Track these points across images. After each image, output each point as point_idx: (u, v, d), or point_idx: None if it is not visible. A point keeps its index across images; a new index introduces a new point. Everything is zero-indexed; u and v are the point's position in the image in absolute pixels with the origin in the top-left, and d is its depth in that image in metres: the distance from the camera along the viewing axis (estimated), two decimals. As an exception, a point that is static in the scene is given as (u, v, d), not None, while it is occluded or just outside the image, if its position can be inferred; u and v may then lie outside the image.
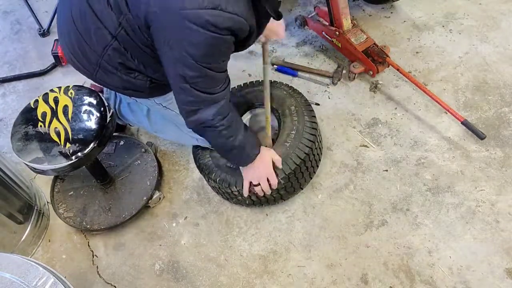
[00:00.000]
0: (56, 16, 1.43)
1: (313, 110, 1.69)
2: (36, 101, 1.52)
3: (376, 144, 1.86)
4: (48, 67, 2.32)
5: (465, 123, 1.78)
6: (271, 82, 1.76)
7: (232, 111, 1.32)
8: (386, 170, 1.78)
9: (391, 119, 1.93)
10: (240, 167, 1.52)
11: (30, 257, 1.42)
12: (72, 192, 1.79)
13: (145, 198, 1.72)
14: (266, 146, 1.56)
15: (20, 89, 2.28)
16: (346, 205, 1.71)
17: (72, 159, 1.39)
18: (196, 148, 1.72)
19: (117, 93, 1.76)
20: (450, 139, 1.83)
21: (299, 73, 2.13)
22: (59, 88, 1.55)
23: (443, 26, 2.24)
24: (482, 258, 1.54)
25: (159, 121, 1.73)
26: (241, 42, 1.18)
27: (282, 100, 1.71)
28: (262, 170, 1.48)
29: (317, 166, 1.74)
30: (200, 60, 1.11)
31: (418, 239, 1.60)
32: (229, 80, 1.28)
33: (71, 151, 1.40)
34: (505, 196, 1.66)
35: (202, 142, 1.61)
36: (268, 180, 1.50)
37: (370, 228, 1.64)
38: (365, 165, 1.80)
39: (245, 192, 1.53)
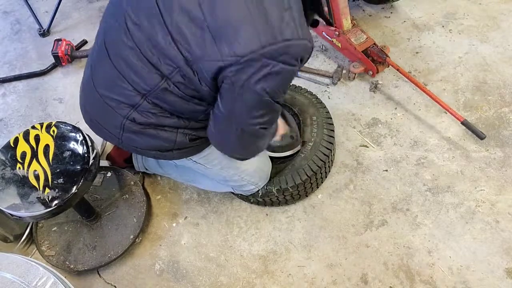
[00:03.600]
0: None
1: (332, 124, 1.71)
2: (16, 139, 1.44)
3: (376, 144, 1.86)
4: (48, 67, 2.32)
5: (465, 123, 1.78)
6: (295, 87, 1.83)
7: None
8: (386, 170, 1.78)
9: (391, 119, 1.93)
10: None
11: (30, 257, 1.42)
12: (55, 228, 1.70)
13: (132, 237, 1.64)
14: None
15: (20, 89, 2.28)
16: (346, 205, 1.71)
17: (51, 206, 1.31)
18: None
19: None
20: (450, 139, 1.83)
21: (299, 73, 2.13)
22: (41, 124, 1.47)
23: (443, 26, 2.24)
24: (482, 258, 1.54)
25: (190, 173, 1.67)
26: None
27: (306, 108, 1.73)
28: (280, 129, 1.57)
29: (326, 177, 1.75)
30: (276, 95, 1.11)
31: (418, 239, 1.60)
32: None
33: (50, 197, 1.32)
34: (505, 196, 1.66)
35: (240, 191, 1.61)
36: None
37: (370, 228, 1.64)
38: (365, 165, 1.80)
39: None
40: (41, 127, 1.47)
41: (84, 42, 2.43)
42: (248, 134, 1.20)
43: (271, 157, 1.63)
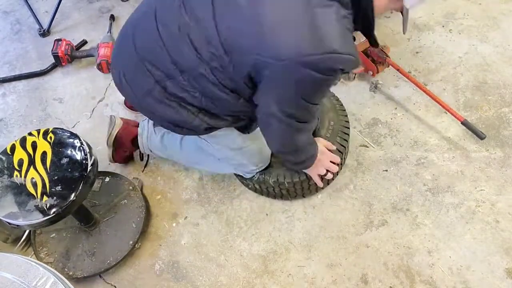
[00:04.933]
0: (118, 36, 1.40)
1: (348, 134, 1.68)
2: (13, 146, 1.42)
3: (376, 144, 1.86)
4: (48, 67, 2.32)
5: (465, 123, 1.78)
6: None
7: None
8: (386, 170, 1.78)
9: (391, 119, 1.93)
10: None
11: (30, 257, 1.42)
12: (54, 234, 1.68)
13: (131, 242, 1.63)
14: None
15: (20, 89, 2.28)
16: (346, 205, 1.71)
17: (49, 214, 1.30)
18: None
19: (150, 126, 1.73)
20: (450, 139, 1.83)
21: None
22: (38, 131, 1.46)
23: (443, 26, 2.24)
24: (482, 258, 1.54)
25: (194, 153, 1.67)
26: None
27: (327, 110, 1.71)
28: (325, 159, 1.55)
29: (333, 179, 1.74)
30: (312, 100, 1.15)
31: (418, 239, 1.60)
32: None
33: (48, 205, 1.31)
34: (505, 196, 1.66)
35: (241, 171, 1.61)
36: (332, 161, 1.58)
37: (370, 228, 1.64)
38: (365, 165, 1.80)
39: (320, 184, 1.60)
40: (38, 133, 1.46)
41: (84, 42, 2.43)
42: (286, 124, 1.23)
43: None
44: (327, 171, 1.57)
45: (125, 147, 1.81)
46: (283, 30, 1.01)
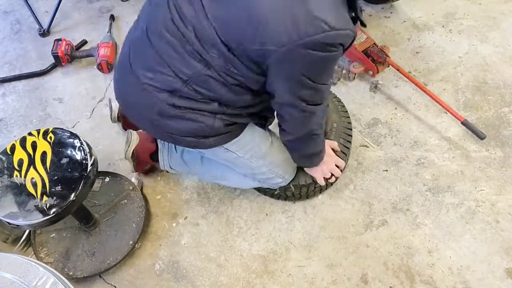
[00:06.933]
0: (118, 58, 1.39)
1: (351, 136, 1.69)
2: (13, 146, 1.43)
3: (376, 144, 1.86)
4: (48, 67, 2.32)
5: (465, 123, 1.78)
6: None
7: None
8: (386, 170, 1.78)
9: (391, 119, 1.93)
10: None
11: (30, 257, 1.42)
12: (54, 234, 1.68)
13: (131, 242, 1.62)
14: None
15: (20, 89, 2.28)
16: (346, 205, 1.71)
17: (49, 214, 1.30)
18: None
19: (170, 144, 1.70)
20: (450, 139, 1.84)
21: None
22: (38, 131, 1.45)
23: (443, 26, 2.24)
24: (482, 258, 1.54)
25: (217, 168, 1.64)
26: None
27: (329, 112, 1.71)
28: (330, 162, 1.57)
29: (331, 185, 1.75)
30: (319, 80, 1.17)
31: (418, 239, 1.60)
32: None
33: (48, 205, 1.30)
34: (505, 196, 1.66)
35: (267, 184, 1.59)
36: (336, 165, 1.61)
37: (370, 228, 1.64)
38: (365, 165, 1.80)
39: (322, 182, 1.60)
40: (38, 133, 1.45)
41: (84, 42, 2.43)
42: (299, 110, 1.25)
43: None
44: (331, 174, 1.59)
45: (144, 163, 1.80)
46: (278, 16, 1.03)
